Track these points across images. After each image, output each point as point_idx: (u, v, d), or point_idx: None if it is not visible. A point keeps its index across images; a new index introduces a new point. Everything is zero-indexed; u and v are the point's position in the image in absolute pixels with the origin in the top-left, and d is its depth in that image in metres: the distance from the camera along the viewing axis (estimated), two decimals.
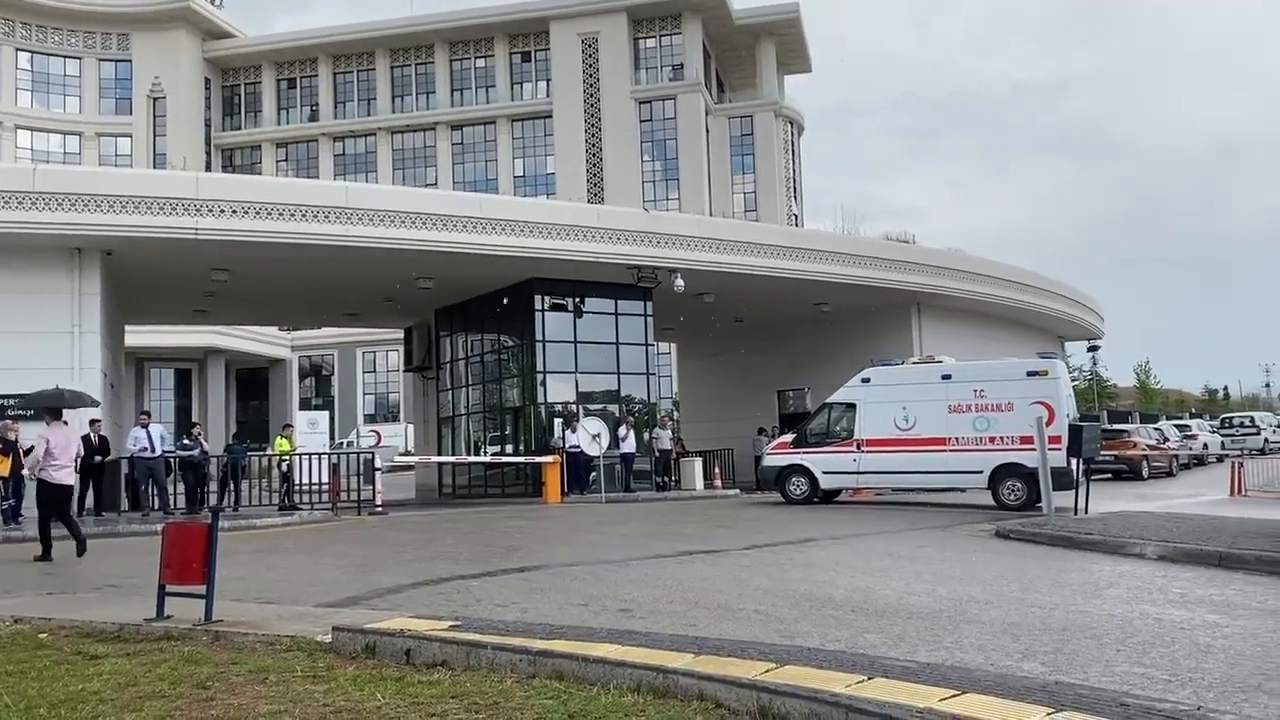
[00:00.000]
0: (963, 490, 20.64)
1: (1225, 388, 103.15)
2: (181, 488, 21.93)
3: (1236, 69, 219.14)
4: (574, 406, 26.88)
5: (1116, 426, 34.39)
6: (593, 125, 67.92)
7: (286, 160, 73.40)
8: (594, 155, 67.86)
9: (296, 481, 22.70)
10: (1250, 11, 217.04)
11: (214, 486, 22.40)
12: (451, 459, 29.83)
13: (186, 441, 22.36)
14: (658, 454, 27.40)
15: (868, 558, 12.46)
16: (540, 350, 26.73)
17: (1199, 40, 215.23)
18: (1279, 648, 7.15)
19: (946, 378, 20.33)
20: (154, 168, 59.52)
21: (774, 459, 22.23)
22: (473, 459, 29.37)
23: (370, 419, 65.47)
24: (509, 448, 28.59)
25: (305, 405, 62.42)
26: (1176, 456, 33.79)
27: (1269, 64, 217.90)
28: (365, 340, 62.47)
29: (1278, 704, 5.50)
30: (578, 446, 24.72)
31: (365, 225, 21.97)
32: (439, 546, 14.09)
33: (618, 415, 26.44)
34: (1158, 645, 7.05)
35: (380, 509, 21.30)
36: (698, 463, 28.37)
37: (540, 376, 26.87)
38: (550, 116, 68.99)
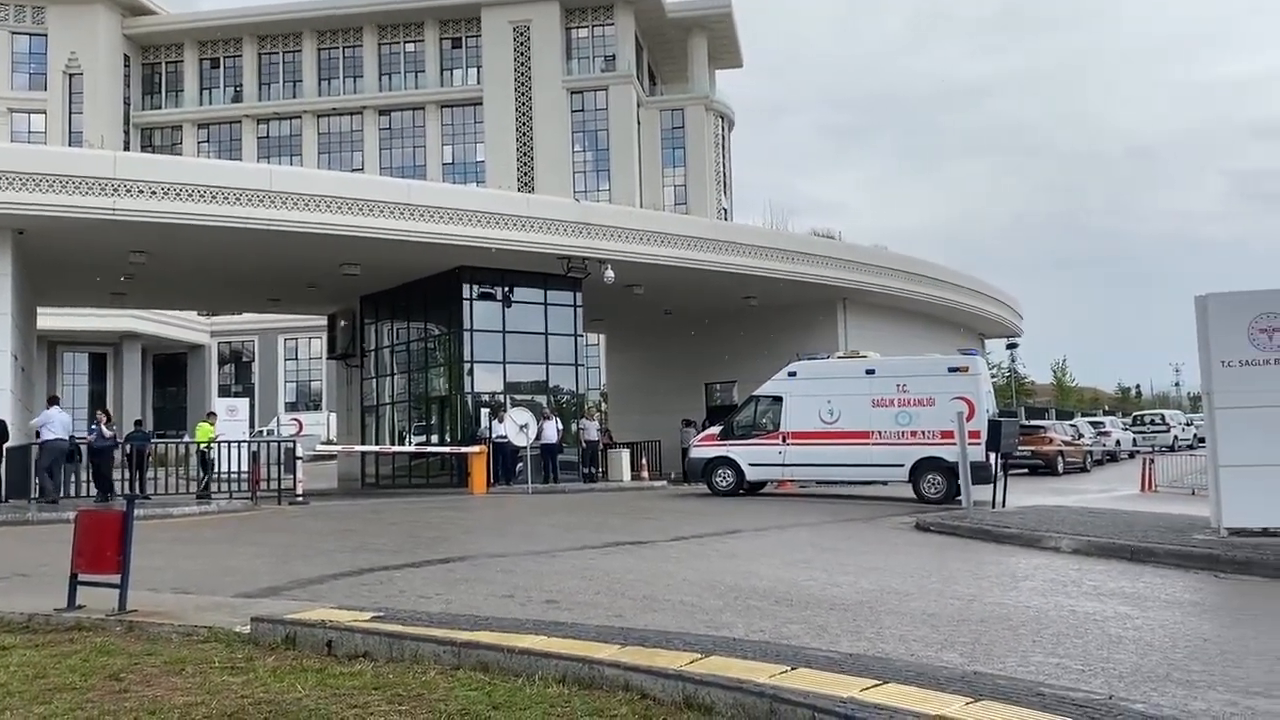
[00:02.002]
0: (885, 483, 20.97)
1: (1138, 386, 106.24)
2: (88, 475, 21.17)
3: (1149, 75, 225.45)
4: (501, 396, 26.73)
5: (1034, 423, 35.21)
6: (524, 114, 67.53)
7: (209, 141, 71.76)
8: (525, 144, 67.47)
9: (216, 470, 22.25)
10: (1162, 19, 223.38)
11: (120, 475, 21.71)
12: (375, 449, 29.49)
13: (95, 428, 21.72)
14: (584, 445, 27.35)
15: (791, 549, 12.59)
16: (468, 339, 26.51)
17: (1115, 46, 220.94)
18: (1186, 638, 7.39)
19: (870, 373, 20.63)
20: (70, 146, 57.79)
21: (701, 451, 22.37)
22: (397, 449, 29.07)
23: (292, 407, 64.44)
24: (434, 438, 28.33)
25: (225, 392, 61.19)
26: (1091, 452, 34.71)
27: (1180, 70, 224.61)
28: (287, 326, 61.44)
29: (1184, 693, 5.68)
30: (504, 437, 24.59)
31: (289, 209, 21.57)
32: (361, 537, 13.92)
33: (542, 409, 26.32)
34: (1072, 636, 7.23)
35: (301, 499, 20.99)
36: (625, 454, 28.41)
37: (467, 366, 26.66)
38: (480, 104, 68.40)
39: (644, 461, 29.26)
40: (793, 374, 21.50)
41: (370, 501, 22.42)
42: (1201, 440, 27.56)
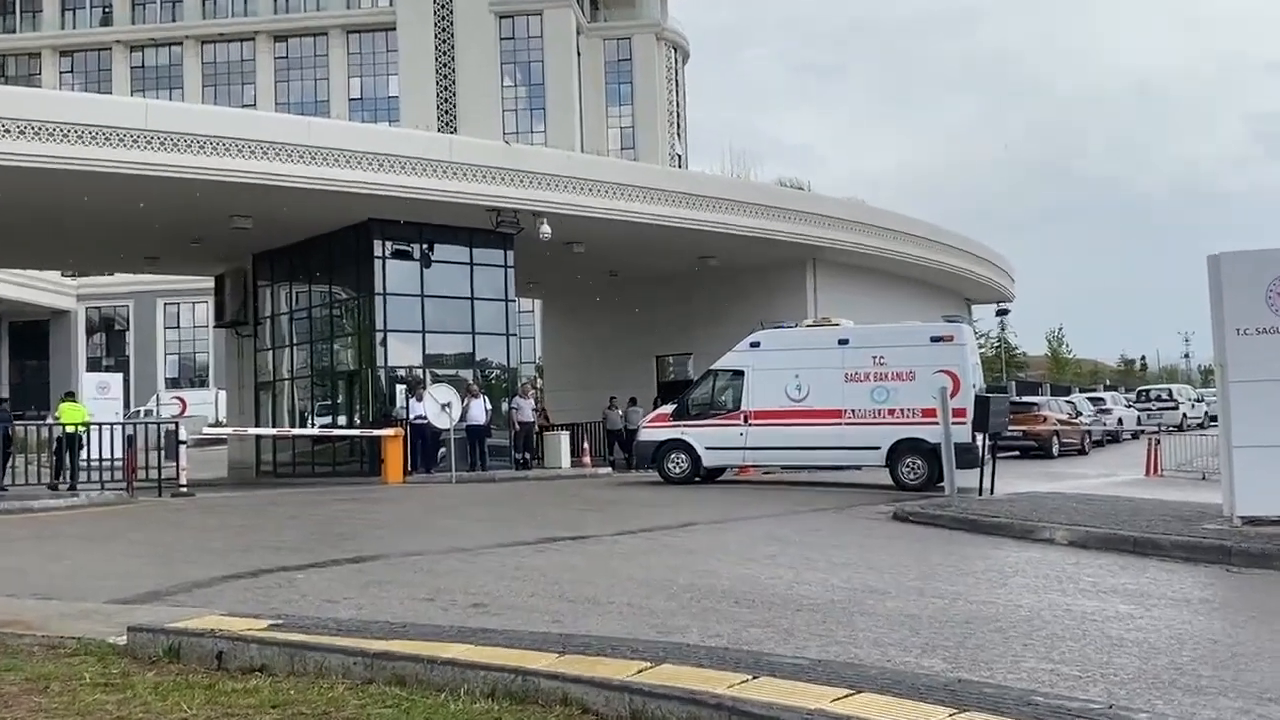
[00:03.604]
0: (859, 468, 21.19)
1: (1143, 358, 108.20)
2: None
3: (1158, 4, 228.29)
4: (420, 371, 26.58)
5: (1026, 399, 35.73)
6: (444, 42, 66.86)
7: (72, 72, 70.30)
8: (445, 77, 66.84)
9: (85, 457, 21.94)
10: None
11: None
12: (272, 431, 29.22)
13: None
14: (518, 427, 27.29)
15: (754, 544, 12.71)
16: (380, 305, 26.30)
17: None
18: (1194, 640, 7.58)
19: (843, 343, 20.80)
20: None
21: (651, 433, 22.44)
22: (298, 431, 28.84)
23: (173, 383, 63.70)
24: (342, 419, 28.14)
25: (94, 366, 60.24)
26: (1089, 432, 35.34)
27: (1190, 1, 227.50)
28: (168, 290, 60.55)
29: (1192, 700, 5.82)
30: (424, 418, 24.48)
31: (169, 151, 21.21)
32: (257, 533, 13.85)
33: (468, 385, 26.23)
34: (1067, 639, 7.39)
35: (186, 489, 20.79)
36: (564, 437, 28.42)
37: (380, 335, 26.45)
38: (393, 29, 67.67)
39: (585, 445, 29.30)
40: (756, 345, 21.61)
41: (267, 492, 22.27)
42: (1213, 419, 28.15)
